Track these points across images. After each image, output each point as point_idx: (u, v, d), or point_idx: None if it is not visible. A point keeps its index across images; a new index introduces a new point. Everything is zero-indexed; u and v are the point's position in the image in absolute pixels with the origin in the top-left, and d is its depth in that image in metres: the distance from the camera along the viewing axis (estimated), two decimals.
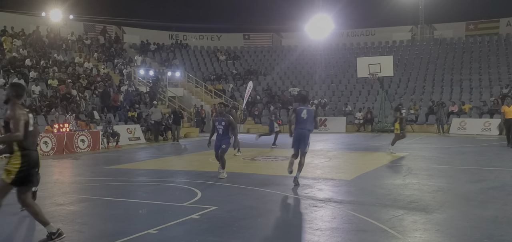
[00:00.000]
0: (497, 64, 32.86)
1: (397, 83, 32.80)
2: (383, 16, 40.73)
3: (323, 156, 15.37)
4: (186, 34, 42.23)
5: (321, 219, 6.98)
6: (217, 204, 7.94)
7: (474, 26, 39.09)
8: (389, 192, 8.99)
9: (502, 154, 15.49)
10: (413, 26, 40.67)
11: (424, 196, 8.49)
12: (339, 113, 29.71)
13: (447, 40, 38.59)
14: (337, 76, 35.51)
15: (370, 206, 7.82)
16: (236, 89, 34.45)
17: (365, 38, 41.53)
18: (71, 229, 6.62)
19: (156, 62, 36.33)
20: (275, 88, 34.56)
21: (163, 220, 6.87)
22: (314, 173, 11.62)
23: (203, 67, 38.63)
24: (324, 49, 38.04)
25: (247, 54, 41.73)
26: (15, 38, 29.11)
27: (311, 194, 8.90)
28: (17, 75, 23.39)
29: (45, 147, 17.57)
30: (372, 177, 11.03)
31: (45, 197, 8.94)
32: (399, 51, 37.94)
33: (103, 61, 32.19)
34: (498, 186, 9.46)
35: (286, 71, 37.45)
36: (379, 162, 13.74)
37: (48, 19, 33.07)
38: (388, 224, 6.53)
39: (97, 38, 35.34)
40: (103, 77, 28.26)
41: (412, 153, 15.99)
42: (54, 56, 28.78)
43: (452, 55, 35.84)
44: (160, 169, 13.27)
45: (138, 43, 38.73)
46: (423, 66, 34.75)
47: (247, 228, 6.57)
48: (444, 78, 32.55)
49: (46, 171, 13.77)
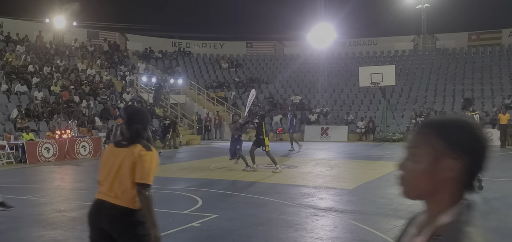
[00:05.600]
0: (499, 75, 32.84)
1: (399, 93, 32.79)
2: (386, 25, 40.82)
3: (325, 165, 15.35)
4: (189, 42, 42.34)
5: (322, 228, 6.96)
6: (217, 212, 7.93)
7: (476, 37, 39.09)
8: (390, 201, 8.97)
9: (503, 165, 15.44)
10: (415, 36, 40.69)
11: None
12: (341, 122, 29.68)
13: (449, 50, 38.59)
14: (339, 85, 35.52)
15: (372, 215, 7.80)
16: (238, 97, 34.48)
17: (367, 47, 41.57)
18: (72, 235, 6.61)
19: (158, 69, 36.43)
20: (277, 97, 34.57)
21: (164, 228, 6.85)
22: (316, 181, 11.60)
23: (205, 75, 38.71)
24: (326, 58, 38.07)
25: (249, 62, 41.79)
26: (19, 45, 29.24)
27: (312, 203, 8.88)
28: (20, 81, 23.48)
29: (46, 153, 17.59)
30: (373, 186, 11.01)
31: (46, 203, 8.95)
32: (401, 60, 37.95)
33: (106, 68, 32.30)
34: (499, 196, 9.42)
35: (288, 80, 37.47)
36: (380, 171, 13.71)
37: (51, 26, 33.23)
38: (389, 234, 6.51)
39: (100, 45, 35.48)
40: (105, 84, 28.34)
41: None
42: (57, 62, 28.89)
43: (454, 65, 35.82)
44: (161, 176, 13.26)
45: (141, 50, 38.87)
46: (425, 76, 34.74)
47: (247, 236, 6.56)
48: (446, 88, 32.53)
49: (47, 177, 13.78)
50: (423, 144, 1.36)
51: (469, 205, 1.35)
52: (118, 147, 3.62)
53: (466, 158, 1.31)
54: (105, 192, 3.59)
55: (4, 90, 22.30)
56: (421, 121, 11.75)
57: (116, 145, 3.69)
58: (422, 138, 1.37)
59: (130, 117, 3.68)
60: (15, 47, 28.86)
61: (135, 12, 48.67)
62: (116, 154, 3.57)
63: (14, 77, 24.19)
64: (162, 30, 40.83)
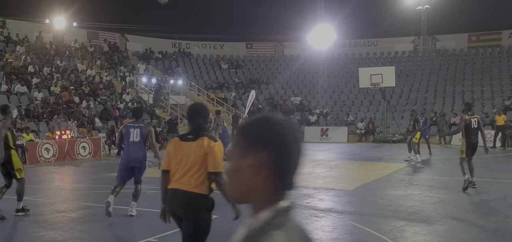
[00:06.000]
0: (499, 76, 32.85)
1: (399, 94, 32.80)
2: (386, 27, 40.84)
3: (325, 166, 15.35)
4: (189, 43, 42.35)
5: (322, 230, 6.96)
6: (217, 212, 7.89)
7: (476, 38, 39.10)
8: (390, 202, 8.96)
9: (503, 166, 15.45)
10: (415, 37, 40.71)
11: (425, 207, 8.47)
12: (340, 123, 29.68)
13: (449, 51, 38.60)
14: (339, 86, 35.53)
15: (371, 216, 7.80)
16: (238, 98, 34.49)
17: (367, 48, 41.59)
18: (72, 236, 6.61)
19: (158, 70, 36.44)
20: (277, 98, 34.58)
21: (163, 228, 6.85)
22: (316, 182, 11.60)
23: (205, 76, 38.72)
24: (326, 59, 38.08)
25: (249, 63, 41.81)
26: (19, 45, 29.25)
27: (312, 204, 8.87)
28: (20, 81, 23.49)
29: (46, 153, 17.59)
30: (373, 187, 11.01)
31: (46, 204, 8.94)
32: (401, 62, 37.96)
33: (106, 68, 32.30)
34: (499, 198, 9.43)
35: (288, 81, 37.48)
36: (380, 172, 13.71)
37: (51, 26, 33.22)
38: (389, 235, 6.51)
39: (100, 46, 35.49)
40: (105, 84, 28.34)
41: (414, 163, 15.95)
42: (57, 63, 28.90)
43: (454, 66, 35.82)
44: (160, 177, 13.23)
45: (141, 51, 38.88)
46: (425, 77, 34.75)
47: None
48: (446, 90, 32.54)
49: (47, 178, 13.78)
50: (235, 146, 1.40)
51: (284, 207, 1.36)
52: (184, 141, 4.05)
53: (266, 153, 1.34)
54: (178, 181, 4.00)
55: (4, 90, 22.30)
56: (420, 120, 11.60)
57: (181, 139, 4.11)
58: (235, 140, 1.41)
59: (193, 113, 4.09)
60: (15, 47, 28.87)
61: (135, 12, 48.67)
62: (184, 147, 4.01)
63: (14, 78, 24.20)
64: (162, 31, 40.85)
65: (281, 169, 1.35)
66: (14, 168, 7.99)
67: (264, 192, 1.36)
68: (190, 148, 3.96)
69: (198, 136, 3.97)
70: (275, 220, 1.32)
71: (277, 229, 1.29)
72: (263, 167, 1.34)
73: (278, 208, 1.35)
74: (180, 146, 4.04)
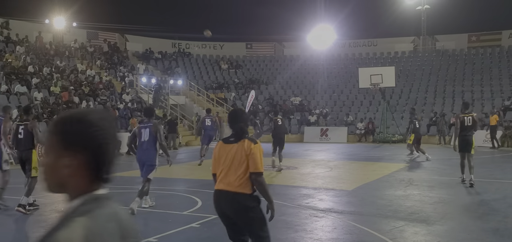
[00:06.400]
0: (499, 76, 32.86)
1: (399, 94, 32.80)
2: (385, 27, 40.89)
3: (324, 166, 15.35)
4: (189, 43, 42.34)
5: (321, 230, 6.97)
6: None
7: (476, 38, 39.12)
8: (390, 203, 8.97)
9: (503, 166, 15.45)
10: (415, 37, 40.72)
11: (425, 207, 8.47)
12: (340, 124, 29.68)
13: (449, 51, 38.61)
14: (339, 86, 35.54)
15: (371, 216, 7.80)
16: (238, 98, 34.49)
17: (367, 48, 41.60)
18: None
19: (158, 70, 36.43)
20: (277, 98, 34.58)
21: (163, 228, 6.86)
22: (315, 183, 11.60)
23: (205, 76, 38.72)
24: (326, 59, 38.09)
25: (249, 63, 41.81)
26: (18, 45, 29.24)
27: (311, 204, 8.88)
28: (19, 82, 23.48)
29: None
30: (373, 187, 11.01)
31: (46, 204, 8.94)
32: (401, 62, 37.96)
33: (105, 68, 32.30)
34: (499, 198, 9.43)
35: (288, 81, 37.48)
36: (380, 172, 13.72)
37: (51, 27, 33.22)
38: (389, 235, 6.51)
39: (100, 46, 35.48)
40: (105, 84, 28.34)
41: (413, 163, 15.96)
42: (57, 63, 28.90)
43: (454, 66, 35.83)
44: (160, 177, 13.25)
45: (141, 51, 38.87)
46: (425, 78, 34.76)
47: None
48: (446, 90, 32.54)
49: None
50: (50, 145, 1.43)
51: (96, 195, 1.40)
52: (227, 144, 4.35)
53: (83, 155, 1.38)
54: (222, 181, 4.27)
55: (4, 91, 22.29)
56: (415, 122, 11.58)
57: (224, 141, 4.41)
58: (48, 135, 1.44)
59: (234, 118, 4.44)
60: (15, 47, 28.86)
61: (135, 13, 48.71)
62: (227, 149, 4.31)
63: (13, 78, 24.19)
64: (161, 31, 40.87)
65: (97, 166, 1.41)
66: (31, 165, 8.51)
67: (78, 185, 1.40)
68: (232, 150, 4.26)
69: (239, 138, 4.28)
70: (82, 207, 1.36)
71: (81, 216, 1.33)
72: (79, 167, 1.39)
73: (89, 197, 1.40)
74: (224, 148, 4.35)
